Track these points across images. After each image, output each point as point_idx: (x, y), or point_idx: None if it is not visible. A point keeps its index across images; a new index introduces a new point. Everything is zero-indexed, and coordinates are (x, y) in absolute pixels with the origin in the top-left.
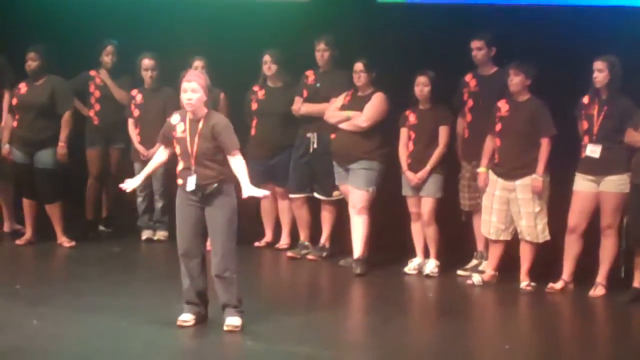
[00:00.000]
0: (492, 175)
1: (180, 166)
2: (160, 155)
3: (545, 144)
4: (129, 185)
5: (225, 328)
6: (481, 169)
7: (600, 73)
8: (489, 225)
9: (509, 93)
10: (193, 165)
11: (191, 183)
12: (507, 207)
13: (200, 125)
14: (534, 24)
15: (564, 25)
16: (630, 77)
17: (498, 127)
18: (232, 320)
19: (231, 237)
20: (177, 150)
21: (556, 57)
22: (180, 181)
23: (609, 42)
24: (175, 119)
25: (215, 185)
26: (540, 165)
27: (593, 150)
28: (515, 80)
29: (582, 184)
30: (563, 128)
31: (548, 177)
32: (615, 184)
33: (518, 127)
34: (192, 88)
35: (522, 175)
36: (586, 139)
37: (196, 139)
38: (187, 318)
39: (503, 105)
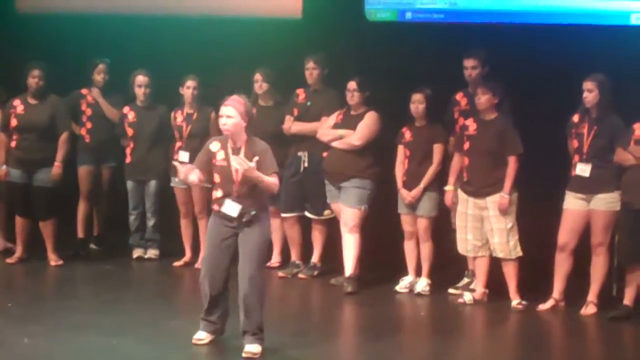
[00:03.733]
0: (461, 194)
1: (219, 194)
2: (195, 176)
3: (512, 162)
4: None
5: (243, 355)
6: (448, 187)
7: (590, 93)
8: (465, 243)
9: (477, 111)
10: (235, 193)
11: (232, 209)
12: (481, 224)
13: (242, 153)
14: (525, 42)
15: (555, 44)
16: (620, 95)
17: (466, 145)
18: (251, 348)
19: (260, 264)
20: (217, 178)
21: (546, 76)
22: (216, 207)
23: (598, 60)
24: (215, 146)
25: (254, 212)
26: (507, 184)
27: (583, 169)
28: (483, 99)
29: (573, 202)
30: (554, 146)
31: (516, 193)
32: (606, 202)
33: (486, 146)
34: (227, 114)
35: (492, 192)
36: (576, 157)
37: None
38: (201, 336)
39: (471, 124)
